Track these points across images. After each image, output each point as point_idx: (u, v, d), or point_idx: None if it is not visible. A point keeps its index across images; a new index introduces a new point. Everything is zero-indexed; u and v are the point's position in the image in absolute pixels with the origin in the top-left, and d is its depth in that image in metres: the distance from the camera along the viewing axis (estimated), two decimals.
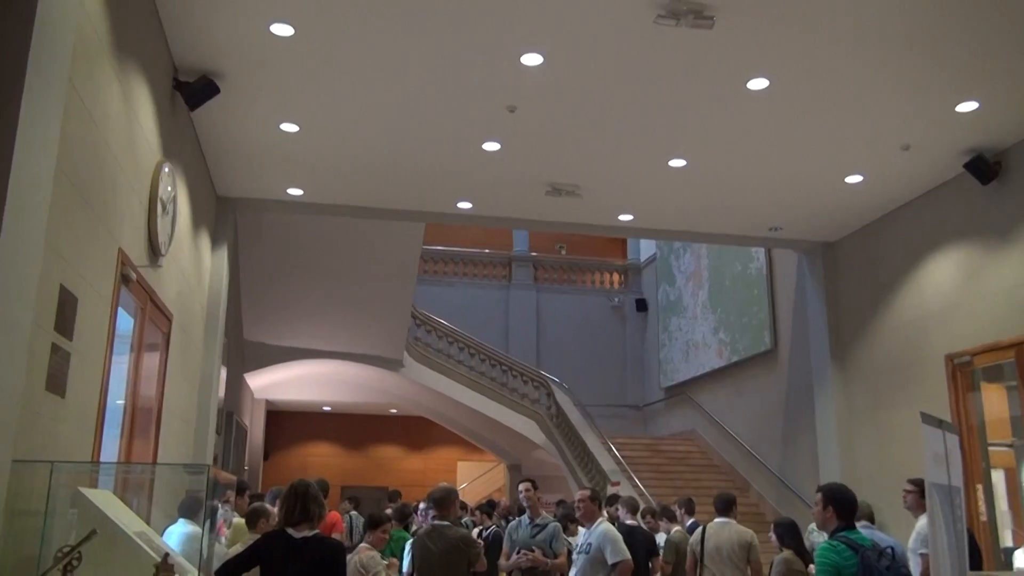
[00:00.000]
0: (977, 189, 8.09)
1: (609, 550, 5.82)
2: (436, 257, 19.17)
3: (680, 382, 16.65)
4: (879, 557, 3.90)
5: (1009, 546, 8.27)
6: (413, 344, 15.20)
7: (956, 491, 4.73)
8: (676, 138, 7.83)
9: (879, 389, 9.66)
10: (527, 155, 8.23)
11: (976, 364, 8.29)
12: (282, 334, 13.73)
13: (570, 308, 19.53)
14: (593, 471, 13.36)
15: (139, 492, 5.53)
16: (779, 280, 12.95)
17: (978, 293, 8.23)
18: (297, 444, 20.98)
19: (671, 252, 17.41)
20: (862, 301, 10.05)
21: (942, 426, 4.67)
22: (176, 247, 6.71)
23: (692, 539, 7.05)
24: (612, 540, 5.88)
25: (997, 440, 8.53)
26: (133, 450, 5.76)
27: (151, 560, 4.12)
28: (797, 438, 12.02)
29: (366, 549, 5.73)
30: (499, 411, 15.75)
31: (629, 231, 11.20)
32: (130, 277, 5.26)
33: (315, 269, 11.84)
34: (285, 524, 3.97)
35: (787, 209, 9.57)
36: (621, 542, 5.92)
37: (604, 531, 5.96)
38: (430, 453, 21.64)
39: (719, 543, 6.73)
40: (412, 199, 9.41)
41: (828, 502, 4.17)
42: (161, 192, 5.92)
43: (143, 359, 5.94)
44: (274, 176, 8.74)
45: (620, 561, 5.79)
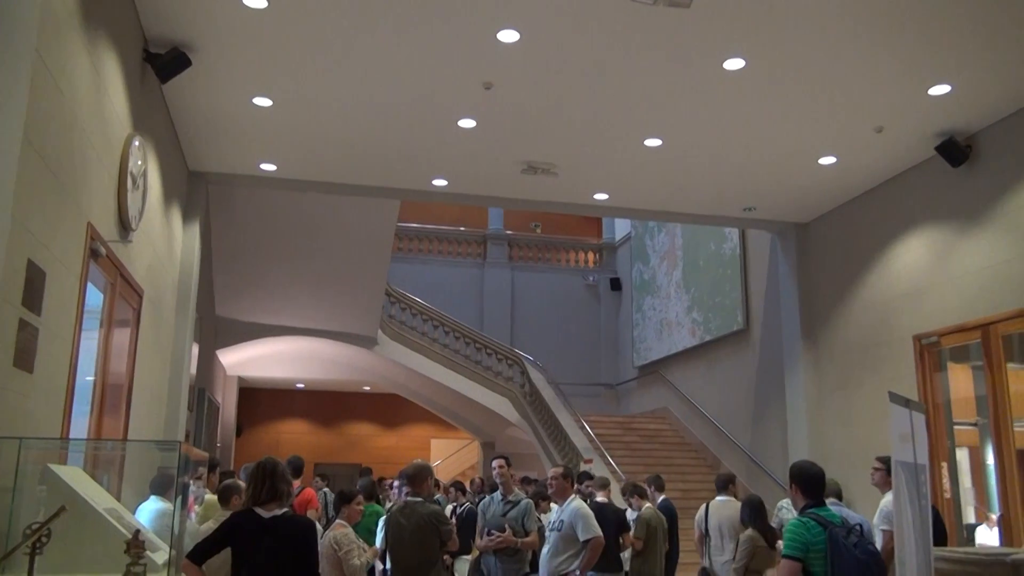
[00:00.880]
0: (948, 172, 8.19)
1: (581, 527, 5.87)
2: (411, 235, 19.10)
3: (653, 361, 16.77)
4: (848, 534, 3.96)
5: (972, 522, 8.47)
6: (387, 322, 15.16)
7: (922, 469, 4.82)
8: (652, 117, 7.83)
9: (848, 368, 9.80)
10: (503, 133, 8.20)
11: (943, 344, 8.43)
12: (255, 311, 13.63)
13: (545, 287, 19.56)
14: (566, 448, 13.45)
15: (109, 469, 5.49)
16: (752, 260, 13.06)
17: (947, 275, 8.35)
18: (270, 421, 20.91)
19: (646, 231, 17.47)
20: (833, 282, 10.16)
21: (909, 405, 4.74)
22: (147, 222, 6.62)
23: (698, 516, 7.64)
24: (583, 517, 5.92)
25: (962, 419, 8.69)
26: (103, 427, 5.71)
27: (122, 537, 4.10)
28: (767, 416, 12.17)
29: (340, 525, 5.73)
30: (473, 389, 15.79)
31: (604, 210, 11.23)
32: (99, 252, 5.19)
33: (289, 245, 11.75)
34: (253, 503, 3.95)
35: (761, 190, 9.63)
36: (593, 519, 5.97)
37: (576, 508, 6.00)
38: (403, 430, 21.66)
39: (720, 520, 7.37)
40: (387, 176, 9.35)
41: (793, 480, 4.23)
42: (131, 166, 5.83)
43: (113, 335, 5.88)
44: (247, 151, 8.64)
45: (592, 538, 5.85)
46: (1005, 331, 7.64)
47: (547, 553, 6.02)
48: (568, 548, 5.90)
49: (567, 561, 5.88)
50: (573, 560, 5.88)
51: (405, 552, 5.31)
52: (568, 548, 5.90)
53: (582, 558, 5.89)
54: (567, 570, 5.84)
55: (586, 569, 5.94)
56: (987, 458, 8.14)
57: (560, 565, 5.87)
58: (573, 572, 5.85)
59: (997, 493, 7.69)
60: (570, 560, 5.88)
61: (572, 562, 5.88)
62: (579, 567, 5.88)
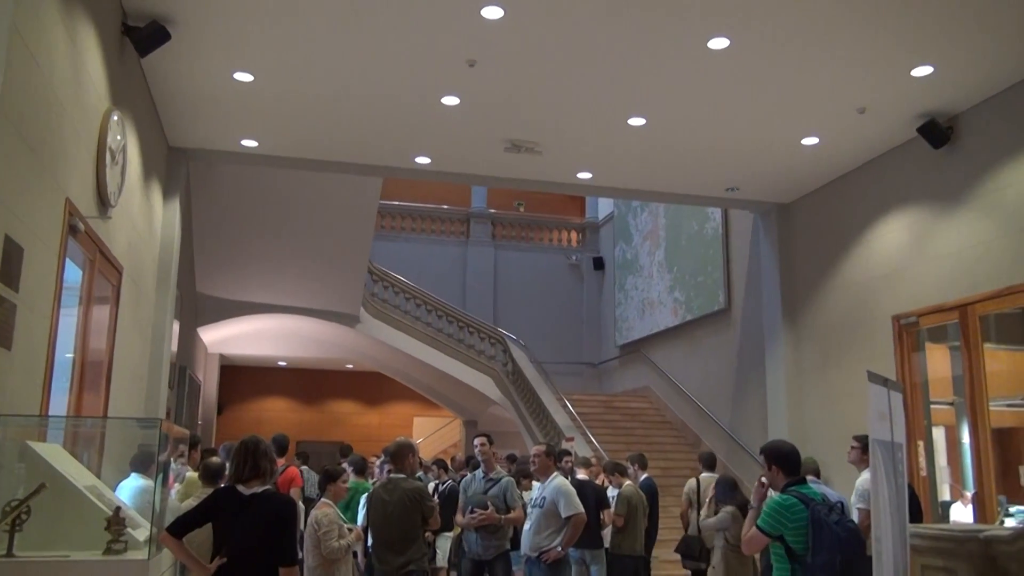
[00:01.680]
0: (929, 153, 8.24)
1: (563, 504, 5.93)
2: (393, 212, 19.02)
3: (635, 340, 16.84)
4: (829, 511, 4.03)
5: (947, 500, 8.60)
6: (370, 300, 15.13)
7: (899, 447, 4.88)
8: (636, 96, 7.82)
9: (828, 348, 9.88)
10: (486, 110, 8.16)
11: (922, 325, 8.51)
12: (236, 288, 13.56)
13: (528, 265, 19.57)
14: (548, 427, 13.52)
15: (89, 446, 5.47)
16: (734, 240, 13.11)
17: (926, 256, 8.42)
18: (252, 399, 20.87)
19: (629, 211, 17.49)
20: (814, 262, 10.23)
21: (887, 384, 4.80)
22: (126, 198, 6.56)
23: (688, 488, 8.33)
24: (565, 494, 5.98)
25: (939, 398, 8.80)
26: (83, 404, 5.68)
27: (102, 514, 4.10)
28: (747, 395, 12.28)
29: (325, 504, 5.74)
30: (456, 367, 15.81)
31: (588, 189, 11.21)
32: (78, 228, 5.13)
33: (270, 222, 11.68)
34: (235, 480, 3.95)
35: (744, 170, 9.66)
36: (575, 496, 6.03)
37: (557, 485, 6.05)
38: (386, 409, 21.68)
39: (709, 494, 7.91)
40: (369, 153, 9.30)
41: (771, 461, 4.29)
42: (110, 141, 5.76)
43: (92, 312, 5.83)
44: (228, 127, 8.56)
45: (573, 514, 5.90)
46: (982, 311, 7.73)
47: (529, 530, 6.08)
48: (550, 525, 5.96)
49: (549, 537, 5.94)
50: (555, 536, 5.94)
51: (387, 527, 5.35)
52: (550, 525, 5.96)
53: (564, 534, 5.95)
54: (549, 546, 5.90)
55: (568, 545, 6.00)
56: (962, 437, 8.25)
57: (542, 541, 5.93)
58: (555, 548, 5.91)
59: (972, 471, 7.81)
60: (552, 536, 5.94)
61: (554, 538, 5.94)
62: (561, 543, 5.94)
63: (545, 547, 5.92)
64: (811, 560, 3.94)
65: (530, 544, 6.00)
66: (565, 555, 6.05)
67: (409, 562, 5.26)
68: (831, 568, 3.88)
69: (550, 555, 5.87)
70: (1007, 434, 8.95)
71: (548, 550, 5.90)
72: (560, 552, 5.94)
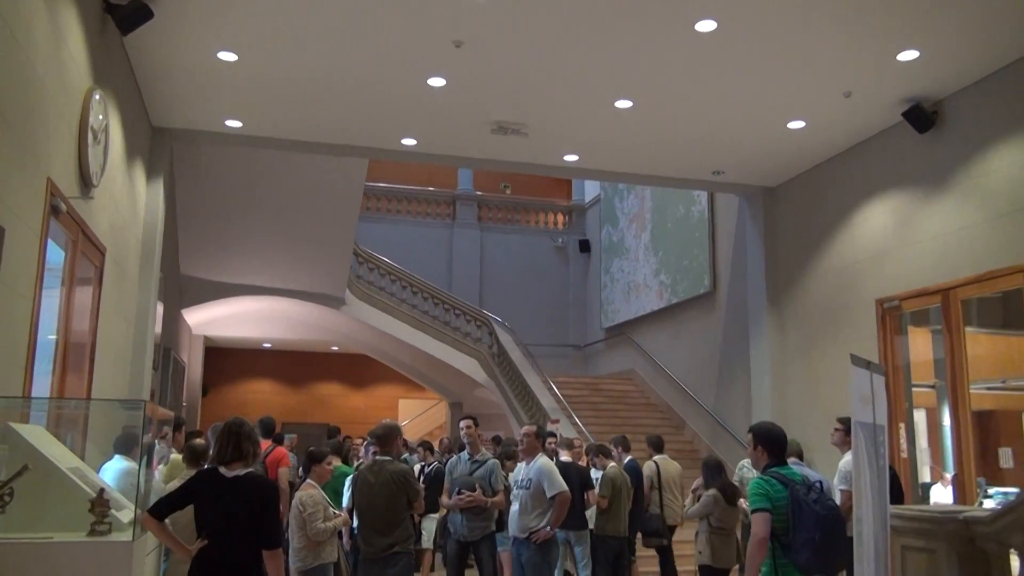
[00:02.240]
0: (914, 138, 8.27)
1: (547, 483, 5.97)
2: (379, 194, 18.93)
3: (620, 323, 16.89)
4: (808, 491, 4.09)
5: (927, 481, 8.71)
6: (355, 282, 15.08)
7: (880, 429, 4.93)
8: (623, 78, 7.79)
9: (812, 331, 9.95)
10: (473, 92, 8.11)
11: (904, 308, 8.58)
12: (221, 270, 13.49)
13: (514, 248, 19.55)
14: (534, 409, 13.56)
15: (73, 428, 5.44)
16: (720, 224, 13.14)
17: (909, 240, 8.47)
18: (237, 381, 20.81)
19: (615, 194, 17.48)
20: (799, 246, 10.27)
21: (870, 367, 4.84)
22: (109, 178, 6.49)
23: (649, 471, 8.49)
24: (548, 474, 6.03)
25: (920, 381, 8.89)
26: (66, 386, 5.65)
27: (86, 496, 4.08)
28: (732, 378, 12.35)
29: (309, 486, 5.74)
30: (441, 350, 15.81)
31: (574, 172, 11.20)
32: (60, 208, 5.09)
33: (255, 204, 11.60)
34: (218, 462, 3.93)
35: (730, 153, 9.66)
36: (558, 474, 6.08)
37: (541, 466, 6.09)
38: (372, 391, 21.68)
39: (667, 475, 8.54)
40: (355, 134, 9.24)
41: (759, 441, 4.34)
42: (92, 120, 5.70)
43: (75, 293, 5.79)
44: (211, 107, 8.48)
45: (558, 493, 5.94)
46: (964, 295, 7.79)
47: (516, 511, 6.10)
48: (537, 505, 5.99)
49: (537, 518, 5.97)
50: (542, 517, 5.97)
51: (372, 509, 5.36)
52: (537, 505, 5.99)
53: (551, 514, 5.99)
54: (537, 527, 5.92)
55: (556, 524, 6.04)
56: (943, 419, 8.34)
57: (531, 522, 5.95)
58: (543, 528, 5.93)
59: (952, 453, 7.90)
60: (539, 517, 5.97)
61: (541, 519, 5.96)
62: (548, 523, 5.97)
63: (534, 527, 5.95)
64: (791, 539, 4.00)
65: (519, 525, 6.03)
66: (554, 534, 6.09)
67: (394, 544, 5.27)
68: (810, 545, 3.95)
69: (540, 535, 5.91)
70: (987, 417, 9.06)
71: (537, 530, 5.93)
72: (549, 532, 5.98)
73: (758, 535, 4.08)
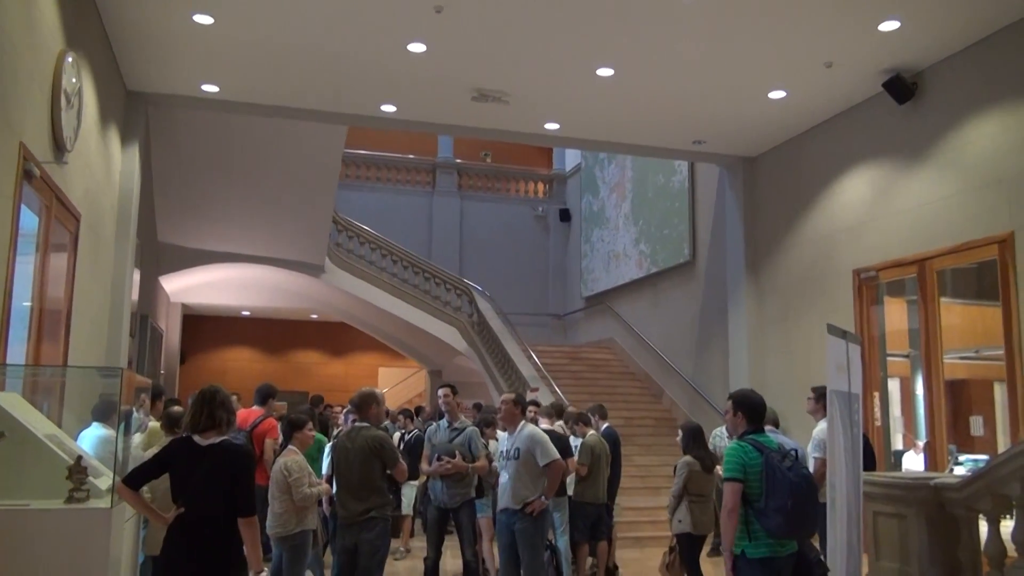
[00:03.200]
0: (893, 109, 8.30)
1: (539, 452, 5.86)
2: (359, 161, 18.79)
3: (600, 292, 16.94)
4: (783, 458, 4.15)
5: (900, 449, 8.86)
6: (334, 250, 15.00)
7: (855, 398, 5.00)
8: (605, 46, 7.74)
9: (789, 301, 10.03)
10: (453, 58, 8.04)
11: (881, 279, 8.66)
12: (198, 237, 13.36)
13: (494, 216, 19.50)
14: (513, 377, 13.61)
15: (50, 395, 5.41)
16: (700, 194, 13.16)
17: (887, 211, 8.53)
18: (215, 348, 20.72)
19: (596, 163, 17.45)
20: (778, 216, 10.32)
21: (846, 337, 4.89)
22: (83, 143, 6.39)
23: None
24: (540, 443, 5.91)
25: (895, 351, 9.01)
26: (42, 353, 5.60)
27: (63, 463, 4.07)
28: (710, 347, 12.45)
29: (292, 452, 5.74)
30: (421, 318, 15.79)
31: (555, 140, 11.15)
32: (33, 173, 5.01)
33: (233, 170, 11.48)
34: (192, 430, 3.92)
35: (711, 123, 9.66)
36: (550, 443, 5.98)
37: (530, 434, 5.99)
38: (351, 359, 21.68)
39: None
40: (334, 100, 9.14)
41: (738, 408, 4.39)
42: (65, 83, 5.60)
43: (50, 259, 5.72)
44: (187, 71, 8.34)
45: (551, 462, 5.87)
46: (940, 266, 7.88)
47: (508, 481, 6.03)
48: (529, 475, 5.94)
49: (530, 488, 5.92)
50: (535, 486, 5.93)
51: (349, 474, 5.39)
52: (529, 475, 5.94)
53: (545, 483, 5.93)
54: (532, 497, 5.87)
55: (550, 494, 5.97)
56: (916, 388, 8.47)
57: (524, 492, 5.90)
58: (539, 499, 5.89)
59: (924, 421, 8.03)
60: (533, 487, 5.92)
61: (535, 488, 5.91)
62: (543, 493, 5.92)
63: (528, 498, 5.89)
64: (764, 504, 4.07)
65: (512, 496, 5.93)
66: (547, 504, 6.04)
67: (370, 509, 5.30)
68: (783, 511, 4.02)
69: (535, 506, 5.85)
70: (959, 386, 9.22)
71: (532, 501, 5.87)
72: (544, 502, 5.92)
73: (727, 505, 4.15)
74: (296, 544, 5.58)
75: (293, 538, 5.57)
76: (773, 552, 4.12)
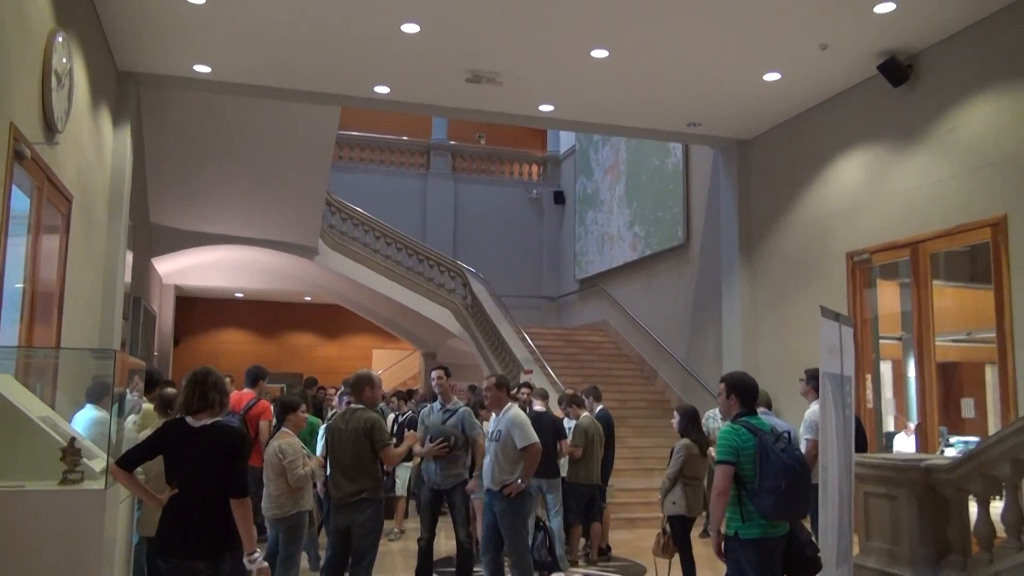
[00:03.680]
0: (888, 92, 8.29)
1: (517, 435, 5.93)
2: (352, 143, 18.70)
3: (594, 274, 16.95)
4: (776, 440, 4.18)
5: (891, 431, 8.92)
6: (328, 232, 14.96)
7: (848, 380, 5.02)
8: (600, 27, 7.70)
9: (783, 284, 10.05)
10: (447, 39, 7.99)
11: (874, 261, 8.68)
12: (191, 218, 13.30)
13: (488, 199, 19.46)
14: (507, 360, 13.64)
15: (43, 377, 5.40)
16: (694, 176, 13.15)
17: (881, 193, 8.54)
18: (209, 330, 20.69)
19: (590, 145, 17.41)
20: (772, 199, 10.32)
21: (839, 319, 4.91)
22: (74, 124, 6.35)
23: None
24: (519, 425, 5.97)
25: (888, 333, 9.05)
26: (34, 335, 5.58)
27: (57, 445, 4.07)
28: (703, 330, 12.48)
29: (286, 434, 5.75)
30: (415, 300, 15.79)
31: (549, 122, 11.12)
32: (24, 154, 4.97)
33: (226, 152, 11.41)
34: (184, 412, 3.92)
35: (706, 105, 9.63)
36: (528, 426, 6.03)
37: (511, 417, 6.05)
38: (345, 341, 21.67)
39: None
40: (327, 81, 9.08)
41: (731, 390, 4.40)
42: (55, 63, 5.55)
43: (42, 241, 5.69)
44: (179, 51, 8.27)
45: (528, 445, 5.92)
46: (932, 249, 7.90)
47: (489, 463, 6.08)
48: (507, 457, 5.99)
49: (508, 470, 5.97)
50: (514, 469, 5.97)
51: (342, 455, 5.42)
52: (507, 457, 5.99)
53: (522, 466, 5.98)
54: (509, 480, 5.92)
55: (527, 477, 6.03)
56: (908, 371, 8.51)
57: (503, 474, 5.95)
58: (515, 481, 5.93)
59: (916, 403, 8.08)
60: (511, 469, 5.97)
61: (513, 471, 5.96)
62: (520, 476, 5.97)
63: (506, 481, 5.94)
64: (758, 485, 4.10)
65: (492, 477, 6.00)
66: (527, 486, 6.11)
67: (362, 490, 5.33)
68: (776, 492, 4.05)
69: (512, 488, 5.90)
70: (951, 368, 9.26)
71: (510, 483, 5.92)
72: (520, 485, 5.98)
73: (718, 487, 4.18)
74: (292, 525, 5.62)
75: (289, 519, 5.60)
76: (766, 533, 4.16)
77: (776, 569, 4.34)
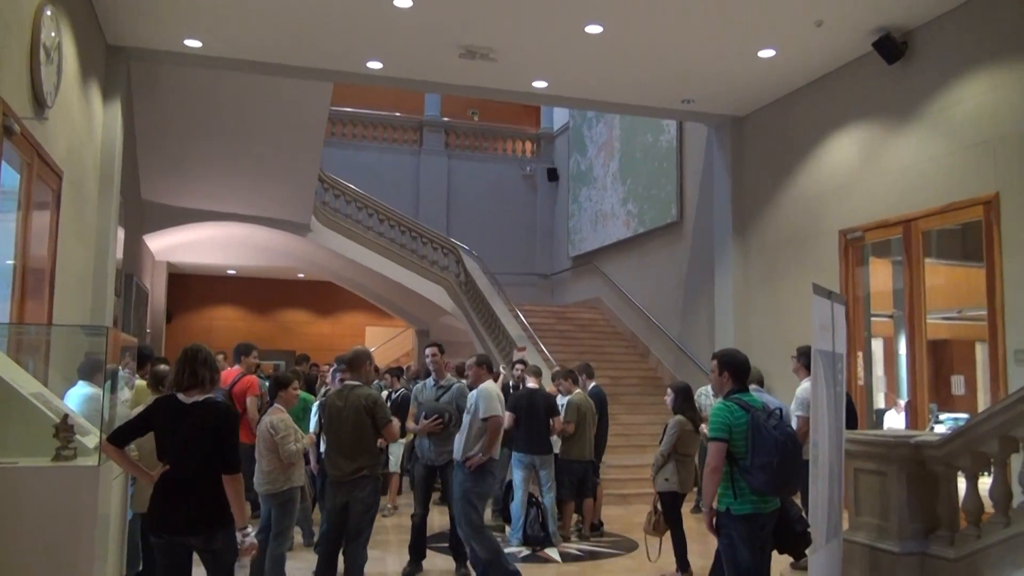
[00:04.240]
0: (883, 69, 8.26)
1: (482, 407, 5.95)
2: (345, 119, 18.57)
3: (587, 252, 16.94)
4: (768, 417, 4.21)
5: (882, 408, 8.97)
6: (321, 208, 14.91)
7: (839, 357, 5.04)
8: (594, 2, 7.64)
9: (776, 261, 10.06)
10: (440, 14, 7.92)
11: (867, 239, 8.69)
12: (183, 195, 13.23)
13: (481, 175, 19.39)
14: (500, 337, 13.65)
15: (35, 354, 5.39)
16: (688, 153, 13.12)
17: (874, 171, 8.54)
18: (201, 307, 20.64)
19: (584, 122, 17.33)
20: (766, 176, 10.31)
21: (831, 297, 4.92)
22: (63, 99, 6.29)
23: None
24: (485, 397, 5.99)
25: (879, 311, 9.08)
26: (26, 311, 5.57)
27: (50, 421, 4.07)
28: (696, 307, 12.51)
29: (277, 410, 5.76)
30: (408, 277, 15.77)
31: (543, 98, 11.06)
32: (13, 129, 4.93)
33: (218, 127, 11.33)
34: (175, 389, 3.92)
35: (700, 82, 9.59)
36: (495, 400, 6.02)
37: (481, 389, 6.07)
38: (338, 318, 21.66)
39: None
40: (319, 56, 9.01)
41: (723, 367, 4.43)
42: (44, 37, 5.49)
43: (32, 217, 5.66)
44: (170, 25, 8.19)
45: (489, 416, 5.92)
46: (925, 227, 7.91)
47: (459, 437, 6.12)
48: (473, 429, 6.01)
49: (471, 443, 5.99)
50: (478, 441, 5.99)
51: (339, 433, 5.40)
52: (473, 429, 6.01)
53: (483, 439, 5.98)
54: (472, 452, 5.93)
55: (489, 450, 5.98)
56: (899, 348, 8.55)
57: (467, 448, 5.99)
58: (476, 454, 5.93)
59: (906, 381, 8.12)
60: (476, 441, 5.99)
61: (476, 443, 5.97)
62: (481, 449, 5.96)
63: (471, 452, 5.94)
64: (750, 462, 4.13)
65: (460, 449, 6.03)
66: (488, 462, 6.02)
67: (361, 468, 5.33)
68: (768, 468, 4.09)
69: (472, 461, 5.91)
70: (941, 346, 9.31)
71: (471, 456, 5.93)
72: (480, 458, 5.94)
73: (711, 464, 4.22)
74: (284, 500, 5.64)
75: (282, 495, 5.62)
76: (757, 508, 4.20)
77: (767, 544, 4.39)
